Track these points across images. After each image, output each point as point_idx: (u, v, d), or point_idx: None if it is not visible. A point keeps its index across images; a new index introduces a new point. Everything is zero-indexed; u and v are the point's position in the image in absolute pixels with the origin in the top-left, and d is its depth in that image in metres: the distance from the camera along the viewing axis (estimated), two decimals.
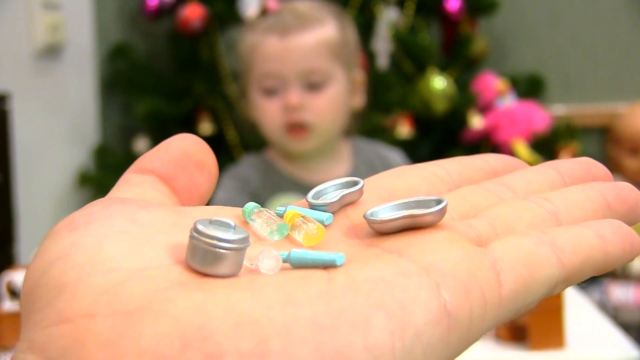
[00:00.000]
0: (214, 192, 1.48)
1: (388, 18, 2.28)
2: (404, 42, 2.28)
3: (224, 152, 2.26)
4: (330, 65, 1.40)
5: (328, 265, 0.23)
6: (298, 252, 0.24)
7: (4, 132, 1.74)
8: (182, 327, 0.20)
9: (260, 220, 0.26)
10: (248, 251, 0.23)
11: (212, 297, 0.21)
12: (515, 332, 1.08)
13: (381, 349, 0.21)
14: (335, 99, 1.41)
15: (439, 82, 2.24)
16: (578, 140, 2.39)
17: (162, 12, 2.33)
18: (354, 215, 0.28)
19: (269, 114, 1.40)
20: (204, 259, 0.22)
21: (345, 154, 1.50)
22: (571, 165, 0.32)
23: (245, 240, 0.23)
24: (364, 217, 0.27)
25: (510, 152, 2.25)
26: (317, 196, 0.29)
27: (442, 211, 0.26)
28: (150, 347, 0.20)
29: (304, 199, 0.29)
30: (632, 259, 0.27)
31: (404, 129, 2.23)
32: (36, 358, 0.21)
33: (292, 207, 0.27)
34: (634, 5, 2.60)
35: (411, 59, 2.29)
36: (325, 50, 1.40)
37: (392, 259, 0.24)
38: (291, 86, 1.38)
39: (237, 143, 2.26)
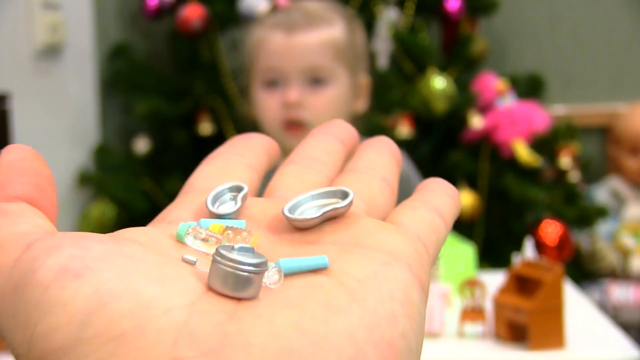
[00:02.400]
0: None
1: (388, 18, 2.28)
2: (404, 42, 2.28)
3: None
4: (333, 66, 1.41)
5: (318, 269, 0.25)
6: (287, 262, 0.25)
7: (4, 132, 1.74)
8: (273, 355, 0.21)
9: (199, 240, 0.26)
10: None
11: (275, 321, 0.22)
12: (515, 332, 1.07)
13: (408, 333, 0.24)
14: (336, 99, 1.41)
15: (439, 82, 2.24)
16: (578, 140, 2.39)
17: (162, 12, 2.33)
18: (254, 214, 0.29)
19: (268, 108, 1.41)
20: (236, 284, 0.23)
21: None
22: (333, 129, 0.36)
23: (266, 263, 0.24)
24: (284, 214, 0.28)
25: (511, 152, 2.25)
26: (213, 202, 0.29)
27: (352, 201, 0.28)
28: None
29: (203, 208, 0.29)
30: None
31: (404, 129, 2.23)
32: None
33: (205, 220, 0.28)
34: (633, 5, 2.60)
35: (411, 59, 2.29)
36: (329, 50, 1.40)
37: (365, 253, 0.26)
38: (292, 83, 1.39)
39: None
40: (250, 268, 0.23)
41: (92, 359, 0.21)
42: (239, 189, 0.30)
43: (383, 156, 0.34)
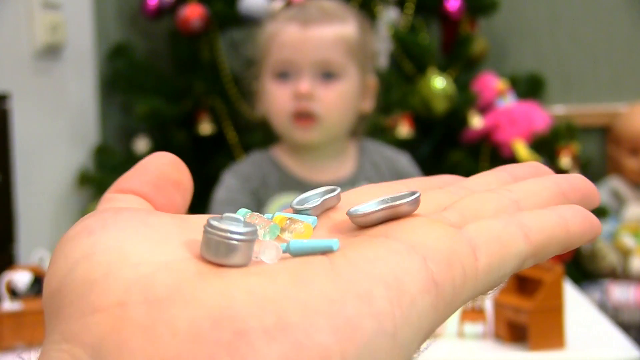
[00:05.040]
0: (215, 190, 1.48)
1: (388, 18, 2.28)
2: (404, 42, 2.27)
3: (224, 152, 2.26)
4: (345, 62, 1.42)
5: (325, 251, 0.26)
6: (297, 242, 0.26)
7: (4, 132, 1.74)
8: (210, 310, 0.22)
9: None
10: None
11: (232, 283, 0.23)
12: (516, 332, 1.07)
13: (384, 315, 0.23)
14: (346, 95, 1.43)
15: (439, 82, 2.24)
16: (578, 140, 2.39)
17: (162, 12, 2.33)
18: (335, 217, 0.30)
19: (278, 100, 1.41)
20: (218, 251, 0.24)
21: (351, 154, 1.51)
22: (522, 168, 0.35)
23: (254, 232, 0.25)
24: (347, 213, 0.29)
25: (511, 152, 2.25)
26: (301, 203, 0.31)
27: (417, 200, 0.28)
28: (184, 328, 0.22)
29: (290, 207, 0.31)
30: (592, 239, 0.30)
31: (404, 129, 2.23)
32: (72, 347, 0.23)
33: (279, 213, 0.29)
34: (634, 5, 2.60)
35: (411, 59, 2.29)
36: (343, 46, 1.42)
37: (381, 241, 0.26)
38: (304, 75, 1.39)
39: (237, 143, 2.26)
40: (233, 235, 0.24)
41: (66, 301, 0.24)
42: (334, 191, 0.31)
43: (538, 184, 0.32)
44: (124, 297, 0.23)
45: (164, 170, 0.31)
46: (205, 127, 2.29)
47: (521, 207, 0.30)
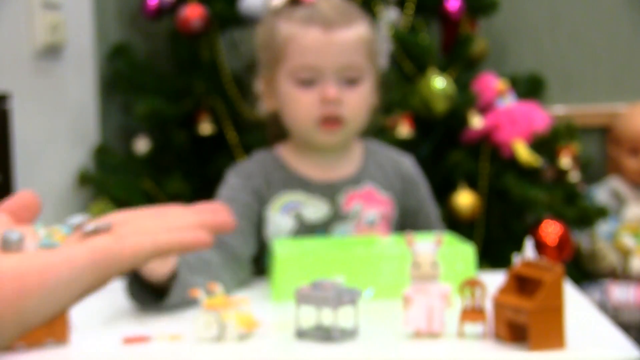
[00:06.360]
0: (219, 189, 1.48)
1: (388, 18, 2.28)
2: (404, 42, 2.28)
3: (224, 152, 2.26)
4: (365, 63, 1.43)
5: (50, 247, 0.48)
6: (42, 242, 0.49)
7: (4, 132, 1.74)
8: None
9: (41, 233, 0.51)
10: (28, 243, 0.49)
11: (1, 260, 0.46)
12: (516, 332, 1.07)
13: (50, 274, 0.45)
14: (367, 96, 1.45)
15: (439, 82, 2.24)
16: (578, 141, 2.39)
17: (162, 12, 2.33)
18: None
19: (303, 105, 1.41)
20: (4, 245, 0.47)
21: (356, 153, 1.51)
22: (204, 207, 0.56)
23: (21, 237, 0.47)
24: (73, 225, 0.52)
25: (511, 152, 2.25)
26: (74, 221, 0.52)
27: (108, 225, 0.50)
28: None
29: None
30: (202, 247, 0.52)
31: (404, 129, 2.23)
32: None
33: (61, 225, 0.52)
34: (634, 5, 2.60)
35: (411, 59, 2.29)
36: (363, 48, 1.42)
37: (79, 242, 0.49)
38: (329, 79, 1.39)
39: (237, 143, 2.26)
40: (10, 238, 0.47)
41: None
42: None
43: (190, 218, 0.54)
44: None
45: (19, 200, 0.55)
46: (206, 127, 2.29)
47: (169, 229, 0.52)
